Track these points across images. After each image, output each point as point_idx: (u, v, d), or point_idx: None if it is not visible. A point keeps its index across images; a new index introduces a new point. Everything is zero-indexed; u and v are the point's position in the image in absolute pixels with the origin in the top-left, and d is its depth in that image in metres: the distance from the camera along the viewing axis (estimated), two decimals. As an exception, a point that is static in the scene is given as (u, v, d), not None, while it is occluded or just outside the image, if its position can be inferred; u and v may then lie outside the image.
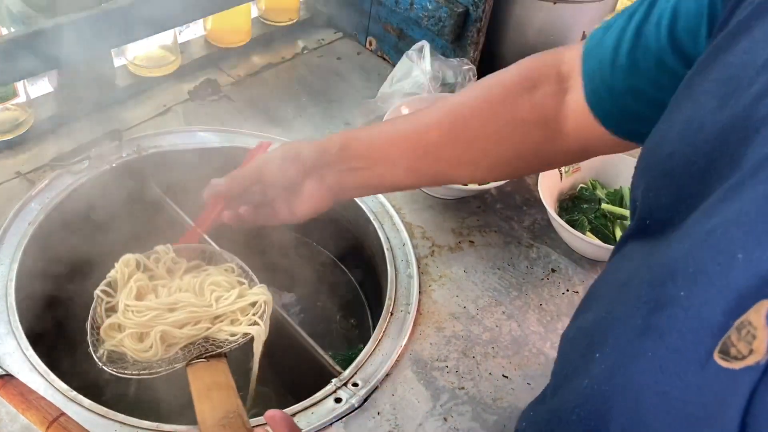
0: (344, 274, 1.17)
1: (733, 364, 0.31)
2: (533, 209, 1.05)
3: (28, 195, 0.93)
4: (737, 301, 0.31)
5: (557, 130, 0.66)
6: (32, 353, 0.76)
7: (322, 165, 0.74)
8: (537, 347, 0.86)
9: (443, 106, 0.73)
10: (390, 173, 0.74)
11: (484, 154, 0.71)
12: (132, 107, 1.11)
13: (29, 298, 0.87)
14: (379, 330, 0.84)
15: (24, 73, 0.90)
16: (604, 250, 0.95)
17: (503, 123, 0.68)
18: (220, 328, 0.79)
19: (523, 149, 0.69)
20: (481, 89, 0.71)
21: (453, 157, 0.72)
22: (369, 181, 0.75)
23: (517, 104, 0.67)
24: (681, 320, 0.34)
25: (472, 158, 0.72)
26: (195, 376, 0.74)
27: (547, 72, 0.67)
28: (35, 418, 0.61)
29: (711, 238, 0.34)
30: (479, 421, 0.77)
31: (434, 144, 0.71)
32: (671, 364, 0.34)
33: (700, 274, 0.34)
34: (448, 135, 0.71)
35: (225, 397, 0.71)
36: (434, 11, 1.16)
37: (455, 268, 0.94)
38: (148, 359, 0.76)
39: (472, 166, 0.73)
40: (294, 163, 0.75)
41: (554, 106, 0.66)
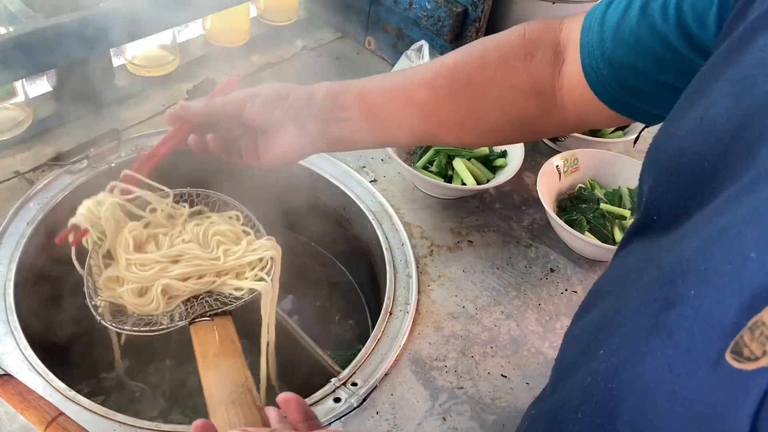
0: (343, 274, 1.17)
1: (746, 365, 0.30)
2: (532, 209, 1.05)
3: (27, 195, 0.93)
4: (750, 301, 0.31)
5: (552, 100, 0.66)
6: (31, 353, 0.76)
7: (307, 112, 0.71)
8: (536, 347, 0.86)
9: (437, 65, 0.71)
10: (375, 128, 0.72)
11: (474, 118, 0.69)
12: (131, 107, 1.11)
13: (28, 297, 0.87)
14: (377, 329, 0.84)
15: (23, 72, 0.90)
16: (603, 250, 0.95)
17: (497, 89, 0.67)
18: (224, 281, 0.76)
19: (516, 117, 0.68)
20: (477, 52, 0.69)
21: (442, 119, 0.70)
22: (352, 135, 0.73)
23: (513, 71, 0.66)
24: (691, 319, 0.34)
25: (462, 121, 0.70)
26: (199, 338, 0.71)
27: (545, 39, 0.66)
28: (34, 418, 0.61)
29: (723, 236, 0.34)
30: (478, 420, 0.77)
31: (425, 104, 0.70)
32: (680, 364, 0.33)
33: (711, 273, 0.34)
34: (440, 96, 0.69)
35: (232, 366, 0.68)
36: (433, 11, 1.16)
37: (454, 267, 0.94)
38: (148, 312, 0.73)
39: (461, 129, 0.71)
40: (279, 105, 0.71)
41: (550, 76, 0.65)
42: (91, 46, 0.93)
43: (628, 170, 1.06)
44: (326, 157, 1.07)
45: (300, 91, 0.72)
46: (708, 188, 0.38)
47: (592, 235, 0.98)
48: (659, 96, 0.58)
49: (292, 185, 1.11)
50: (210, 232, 0.79)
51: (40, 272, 0.91)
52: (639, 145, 1.24)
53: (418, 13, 1.18)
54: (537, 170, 1.01)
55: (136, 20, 0.95)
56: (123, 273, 0.74)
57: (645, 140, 0.58)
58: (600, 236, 0.98)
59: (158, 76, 1.15)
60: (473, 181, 1.01)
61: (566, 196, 1.05)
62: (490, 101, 0.68)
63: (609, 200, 1.03)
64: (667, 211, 0.42)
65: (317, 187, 1.08)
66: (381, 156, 1.09)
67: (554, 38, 0.66)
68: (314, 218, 1.12)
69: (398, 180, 1.06)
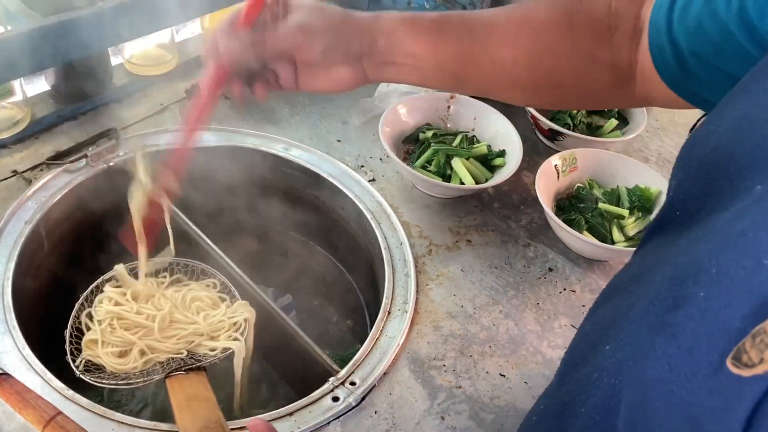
0: (342, 274, 1.17)
1: (743, 371, 0.30)
2: (530, 208, 1.05)
3: (25, 194, 0.93)
4: (759, 307, 0.30)
5: (627, 75, 0.64)
6: (29, 352, 0.76)
7: (368, 54, 0.68)
8: (534, 346, 0.86)
9: (520, 19, 0.67)
10: (437, 78, 0.70)
11: (550, 83, 0.68)
12: (129, 106, 1.11)
13: (26, 297, 0.86)
14: (376, 329, 0.84)
15: (21, 71, 0.90)
16: (601, 249, 0.96)
17: (581, 59, 0.65)
18: (200, 342, 0.80)
19: (590, 86, 0.67)
20: (564, 12, 0.66)
21: (517, 80, 0.68)
22: (410, 78, 0.70)
23: (597, 42, 0.64)
24: (697, 321, 0.33)
25: (536, 84, 0.68)
26: (174, 389, 0.75)
27: (629, 12, 0.63)
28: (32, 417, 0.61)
29: (740, 240, 0.34)
30: (476, 420, 0.77)
31: (503, 63, 0.67)
32: (681, 364, 0.33)
33: (723, 276, 0.33)
34: (520, 57, 0.66)
35: (205, 408, 0.71)
36: (431, 11, 1.15)
37: (452, 267, 0.94)
38: (126, 372, 0.77)
39: (533, 91, 0.70)
40: (341, 51, 0.66)
41: (628, 51, 0.63)
42: (90, 45, 0.93)
43: (626, 170, 1.06)
44: (325, 156, 1.07)
45: (362, 34, 0.67)
46: (734, 189, 0.37)
47: (590, 234, 0.98)
48: (719, 85, 0.56)
49: (290, 185, 1.11)
50: (188, 298, 0.84)
51: (38, 271, 0.91)
52: (637, 144, 1.24)
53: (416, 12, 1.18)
54: (535, 170, 1.01)
55: (134, 19, 0.95)
56: (106, 336, 0.79)
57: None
58: (598, 236, 0.98)
59: (156, 75, 1.15)
60: (472, 180, 1.01)
61: (565, 196, 1.05)
62: (570, 69, 0.66)
63: (607, 200, 1.03)
64: (691, 207, 0.42)
65: (316, 186, 1.08)
66: (379, 155, 1.09)
67: (637, 11, 0.63)
68: (313, 218, 1.12)
69: (397, 179, 1.06)
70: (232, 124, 1.10)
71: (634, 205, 1.02)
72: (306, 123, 1.14)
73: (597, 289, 0.95)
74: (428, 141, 1.07)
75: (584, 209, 1.01)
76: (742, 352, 0.30)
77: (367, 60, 0.68)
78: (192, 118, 0.73)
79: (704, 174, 0.41)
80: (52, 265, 0.91)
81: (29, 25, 0.87)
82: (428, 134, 1.08)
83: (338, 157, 1.07)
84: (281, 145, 1.08)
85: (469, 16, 0.69)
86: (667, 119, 1.31)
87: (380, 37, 0.67)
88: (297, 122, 1.14)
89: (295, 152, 1.07)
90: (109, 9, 0.92)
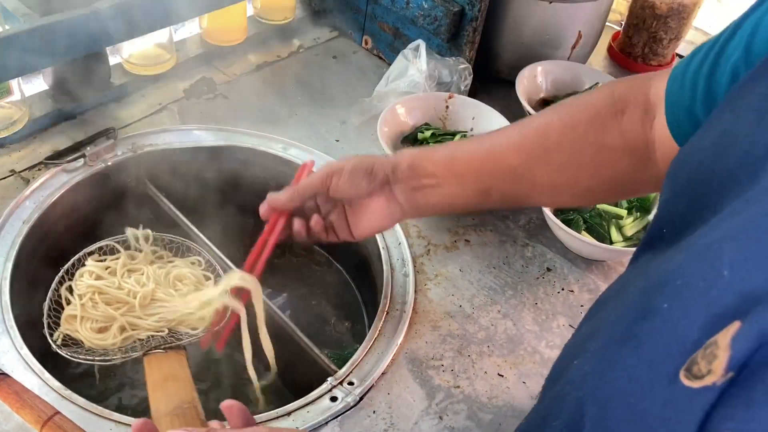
0: (340, 273, 1.17)
1: (693, 382, 0.30)
2: (529, 208, 1.05)
3: (23, 193, 0.93)
4: (715, 319, 0.30)
5: (645, 157, 0.63)
6: (27, 352, 0.76)
7: (393, 181, 0.72)
8: (532, 346, 0.86)
9: (525, 127, 0.69)
10: (462, 194, 0.72)
11: (567, 179, 0.68)
12: (127, 105, 1.11)
13: (24, 296, 0.86)
14: (374, 329, 0.84)
15: (19, 70, 0.90)
16: (600, 249, 0.96)
17: (590, 148, 0.65)
18: (181, 320, 0.80)
19: (610, 175, 0.67)
20: (565, 112, 0.68)
21: (534, 181, 0.69)
22: (440, 200, 0.73)
23: (604, 129, 0.64)
24: (659, 332, 0.34)
25: (554, 183, 0.69)
26: (151, 367, 0.74)
27: (635, 97, 0.64)
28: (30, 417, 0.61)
29: (706, 252, 0.34)
30: (474, 419, 0.77)
31: (515, 167, 0.68)
32: (641, 376, 0.33)
33: (685, 288, 0.34)
34: (531, 158, 0.68)
35: (180, 388, 0.71)
36: (430, 10, 1.16)
37: (451, 266, 0.94)
38: (104, 348, 0.77)
39: (554, 191, 0.70)
40: (365, 176, 0.71)
41: (642, 133, 0.63)
42: (88, 45, 0.93)
43: (624, 170, 1.06)
44: (323, 156, 1.07)
45: (384, 162, 0.72)
46: (714, 203, 0.37)
47: (588, 234, 0.98)
48: None
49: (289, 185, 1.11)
50: (172, 275, 0.84)
51: (36, 271, 0.91)
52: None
53: (415, 12, 1.18)
54: (534, 170, 1.01)
55: (132, 19, 0.95)
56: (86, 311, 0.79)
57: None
58: (596, 236, 0.99)
59: (155, 74, 1.15)
60: (470, 180, 1.01)
61: (563, 196, 1.05)
62: (582, 161, 0.66)
63: (605, 200, 1.03)
64: (678, 224, 0.42)
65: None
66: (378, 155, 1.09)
67: (643, 95, 0.63)
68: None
69: (395, 179, 1.06)
70: (231, 124, 1.10)
71: (633, 205, 1.02)
72: (304, 123, 1.14)
73: (595, 289, 0.95)
74: (427, 141, 1.07)
75: (582, 209, 1.01)
76: (693, 363, 0.30)
77: (397, 187, 0.72)
78: (255, 257, 0.79)
79: (690, 190, 0.42)
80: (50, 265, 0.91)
81: (27, 25, 0.87)
82: (427, 134, 1.08)
83: (337, 156, 1.07)
84: (280, 144, 1.08)
85: (479, 134, 0.72)
86: (665, 119, 1.31)
87: (402, 164, 0.71)
88: (295, 122, 1.14)
89: (293, 152, 1.07)
90: (108, 9, 0.92)
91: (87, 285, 0.80)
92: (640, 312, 0.36)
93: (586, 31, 1.24)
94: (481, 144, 0.72)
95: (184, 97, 1.14)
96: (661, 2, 1.32)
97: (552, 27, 1.21)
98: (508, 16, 1.20)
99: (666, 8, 1.32)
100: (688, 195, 0.42)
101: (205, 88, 1.16)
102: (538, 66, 1.22)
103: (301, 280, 1.16)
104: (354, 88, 1.22)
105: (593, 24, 1.25)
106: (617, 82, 0.67)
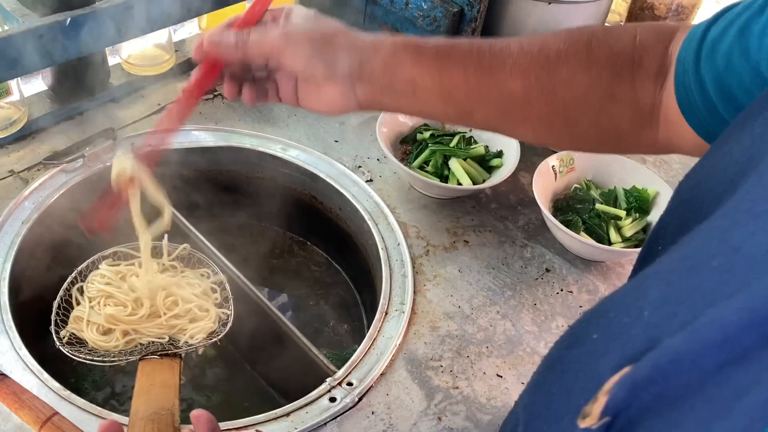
0: (339, 274, 1.17)
1: (580, 422, 0.29)
2: (528, 209, 1.05)
3: (22, 194, 0.93)
4: (624, 361, 0.29)
5: (649, 117, 0.58)
6: (25, 352, 0.76)
7: (357, 77, 0.62)
8: (531, 347, 0.86)
9: (535, 48, 0.60)
10: (440, 111, 0.64)
11: (565, 120, 0.61)
12: (126, 106, 1.11)
13: (22, 297, 0.86)
14: (373, 329, 0.84)
15: (18, 71, 0.90)
16: (598, 250, 0.96)
17: (598, 93, 0.59)
18: (182, 328, 0.81)
19: (607, 128, 0.61)
20: (583, 44, 0.59)
21: (529, 115, 0.62)
22: (407, 108, 0.65)
23: (618, 78, 0.58)
24: (582, 363, 0.32)
25: (549, 120, 0.62)
26: (144, 372, 0.75)
27: (655, 47, 0.57)
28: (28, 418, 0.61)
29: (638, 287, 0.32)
30: (473, 420, 0.77)
31: (513, 95, 0.60)
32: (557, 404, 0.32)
33: (614, 322, 0.32)
34: (534, 90, 0.60)
35: (163, 395, 0.71)
36: (429, 11, 1.16)
37: (450, 267, 0.94)
38: (106, 349, 0.78)
39: (545, 128, 0.63)
40: (326, 64, 0.61)
41: (652, 90, 0.58)
42: (87, 45, 0.93)
43: (623, 171, 1.06)
44: (322, 156, 1.07)
45: (351, 49, 0.61)
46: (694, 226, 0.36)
47: (587, 235, 0.98)
48: None
49: (288, 185, 1.11)
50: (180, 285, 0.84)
51: (35, 271, 0.91)
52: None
53: (414, 12, 1.18)
54: (533, 170, 1.01)
55: (131, 19, 0.95)
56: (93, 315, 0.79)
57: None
58: (595, 236, 0.99)
59: (154, 75, 1.15)
60: (469, 181, 1.01)
61: (562, 197, 1.05)
62: (587, 106, 0.60)
63: (604, 201, 1.03)
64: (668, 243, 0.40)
65: (313, 187, 1.08)
66: (377, 156, 1.09)
67: (663, 47, 0.57)
68: (310, 218, 1.12)
69: (394, 180, 1.06)
70: (230, 125, 1.10)
71: (631, 206, 1.02)
72: (303, 123, 1.14)
73: (594, 290, 0.95)
74: (426, 141, 1.07)
75: (581, 210, 1.01)
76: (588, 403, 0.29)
77: (359, 84, 0.62)
78: (175, 108, 0.68)
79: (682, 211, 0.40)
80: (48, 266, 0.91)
81: (26, 25, 0.87)
82: (426, 135, 1.08)
83: (336, 157, 1.07)
84: (279, 145, 1.08)
85: (479, 44, 0.62)
86: (664, 120, 1.31)
87: (375, 58, 0.61)
88: (294, 122, 1.14)
89: (292, 152, 1.07)
90: (107, 9, 0.92)
91: (98, 289, 0.81)
92: (574, 338, 0.35)
93: (585, 31, 1.24)
94: (481, 55, 0.61)
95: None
96: (660, 3, 1.32)
97: (551, 28, 1.21)
98: (507, 16, 1.20)
99: (665, 9, 1.32)
100: (680, 215, 0.40)
101: (205, 89, 1.16)
102: (537, 67, 1.22)
103: (300, 280, 1.16)
104: (353, 88, 1.22)
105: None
106: (642, 26, 0.60)
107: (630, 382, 0.28)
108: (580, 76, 0.59)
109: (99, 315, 0.79)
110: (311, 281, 1.16)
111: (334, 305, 1.14)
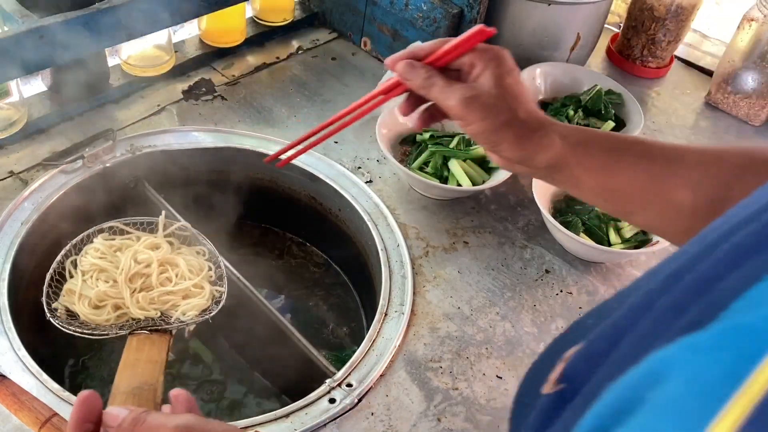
0: (338, 275, 1.17)
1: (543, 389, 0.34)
2: (527, 210, 1.05)
3: (21, 195, 0.93)
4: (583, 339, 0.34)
5: None
6: (25, 353, 0.76)
7: (523, 162, 0.61)
8: (531, 348, 0.86)
9: (709, 161, 0.57)
10: (598, 204, 0.65)
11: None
12: (126, 107, 1.11)
13: (22, 297, 0.86)
14: (373, 330, 0.84)
15: (17, 72, 0.90)
16: (598, 251, 0.96)
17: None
18: (173, 305, 0.82)
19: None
20: (762, 163, 0.56)
21: (693, 224, 0.57)
22: (564, 189, 0.68)
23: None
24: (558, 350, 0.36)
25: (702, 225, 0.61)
26: (131, 346, 0.76)
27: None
28: (28, 419, 0.61)
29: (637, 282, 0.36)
30: (473, 421, 0.77)
31: (681, 207, 0.57)
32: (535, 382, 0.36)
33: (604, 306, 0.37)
34: (703, 205, 0.57)
35: (149, 371, 0.72)
36: (429, 12, 1.16)
37: (449, 268, 0.94)
38: (97, 323, 0.79)
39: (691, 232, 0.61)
40: (492, 145, 0.60)
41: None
42: (86, 46, 0.93)
43: (623, 172, 1.06)
44: (322, 157, 1.07)
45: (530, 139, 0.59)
46: None
47: (587, 236, 0.98)
48: None
49: (287, 186, 1.11)
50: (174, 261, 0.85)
51: (34, 272, 0.91)
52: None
53: (414, 14, 1.18)
54: (532, 171, 1.01)
55: (131, 20, 0.95)
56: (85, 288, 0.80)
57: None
58: (595, 238, 0.99)
59: (153, 76, 1.15)
60: (469, 182, 1.01)
61: (561, 198, 1.05)
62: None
63: (604, 201, 1.03)
64: None
65: (313, 188, 1.08)
66: (377, 157, 1.09)
67: None
68: (309, 219, 1.12)
69: (394, 181, 1.06)
70: (229, 125, 1.10)
71: (631, 207, 1.02)
72: (303, 124, 1.14)
73: (593, 291, 0.95)
74: (425, 143, 1.07)
75: (581, 211, 1.01)
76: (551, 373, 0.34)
77: (522, 168, 0.61)
78: (362, 102, 0.70)
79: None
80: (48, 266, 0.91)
81: (26, 26, 0.87)
82: (425, 136, 1.08)
83: (335, 158, 1.07)
84: (278, 146, 1.08)
85: (651, 146, 0.60)
86: (664, 121, 1.31)
87: (541, 157, 0.59)
88: (294, 123, 1.14)
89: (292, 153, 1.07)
90: (106, 9, 0.92)
91: (91, 263, 0.82)
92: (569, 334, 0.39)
93: (584, 33, 1.25)
94: (651, 163, 0.59)
95: (182, 98, 1.14)
96: (660, 4, 1.32)
97: (551, 29, 1.21)
98: (507, 17, 1.20)
99: (664, 10, 1.32)
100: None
101: (204, 90, 1.16)
102: (536, 68, 1.22)
103: (300, 281, 1.16)
104: (353, 89, 1.22)
105: (592, 26, 1.25)
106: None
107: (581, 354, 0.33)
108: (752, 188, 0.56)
109: (91, 289, 0.80)
110: (311, 282, 1.16)
111: (333, 306, 1.14)
